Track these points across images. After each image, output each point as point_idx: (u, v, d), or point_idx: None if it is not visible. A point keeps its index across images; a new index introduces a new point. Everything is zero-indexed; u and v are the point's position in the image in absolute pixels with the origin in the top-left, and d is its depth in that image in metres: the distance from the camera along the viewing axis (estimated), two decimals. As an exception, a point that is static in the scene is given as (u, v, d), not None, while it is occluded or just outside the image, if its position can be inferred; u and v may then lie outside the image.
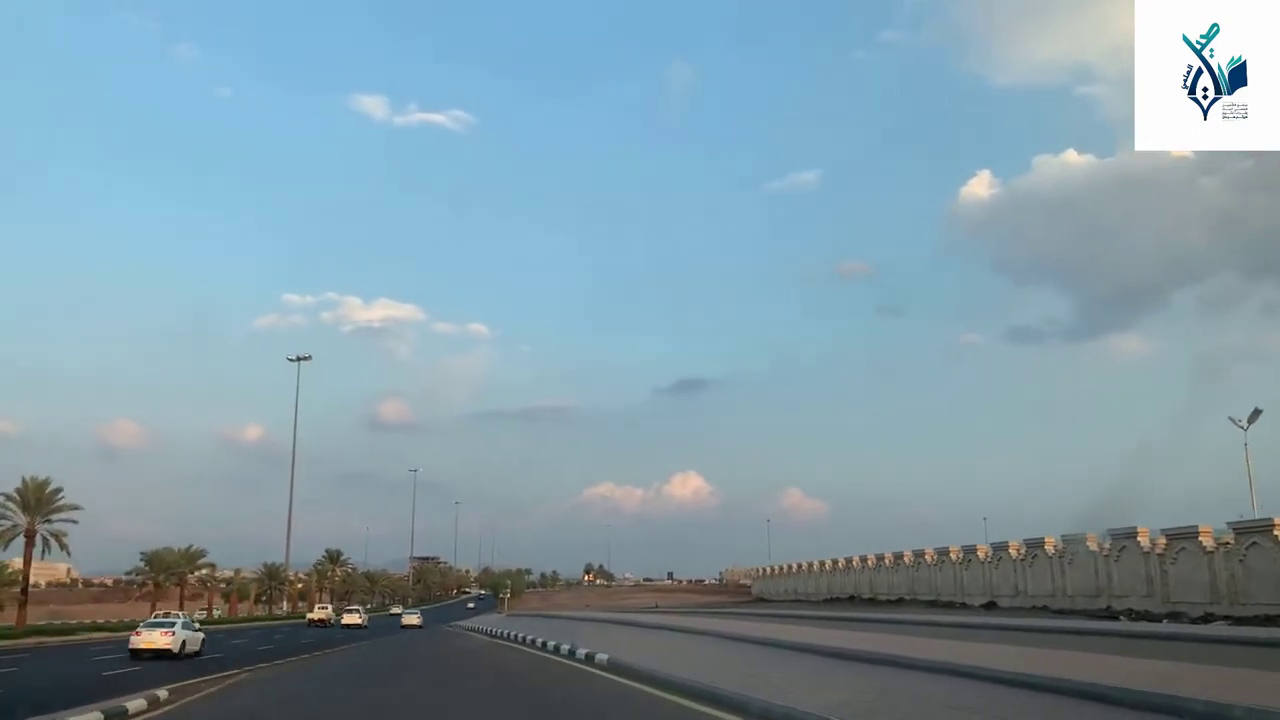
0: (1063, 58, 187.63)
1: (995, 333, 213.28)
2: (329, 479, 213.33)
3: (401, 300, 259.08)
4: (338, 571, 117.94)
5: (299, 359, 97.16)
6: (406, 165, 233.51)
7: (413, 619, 69.31)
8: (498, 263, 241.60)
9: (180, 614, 35.95)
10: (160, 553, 69.09)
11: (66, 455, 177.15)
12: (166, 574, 69.46)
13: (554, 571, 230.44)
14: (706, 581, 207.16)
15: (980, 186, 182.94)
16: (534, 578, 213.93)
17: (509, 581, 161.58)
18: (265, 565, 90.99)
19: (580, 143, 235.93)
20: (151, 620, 32.58)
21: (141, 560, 70.77)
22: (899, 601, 58.17)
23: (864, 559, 66.84)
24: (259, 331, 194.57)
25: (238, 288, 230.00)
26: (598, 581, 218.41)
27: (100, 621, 61.67)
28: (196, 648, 30.89)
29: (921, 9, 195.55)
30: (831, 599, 72.27)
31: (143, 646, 28.80)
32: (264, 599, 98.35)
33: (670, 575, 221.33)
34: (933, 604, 53.00)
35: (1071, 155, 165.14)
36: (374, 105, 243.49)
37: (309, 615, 66.83)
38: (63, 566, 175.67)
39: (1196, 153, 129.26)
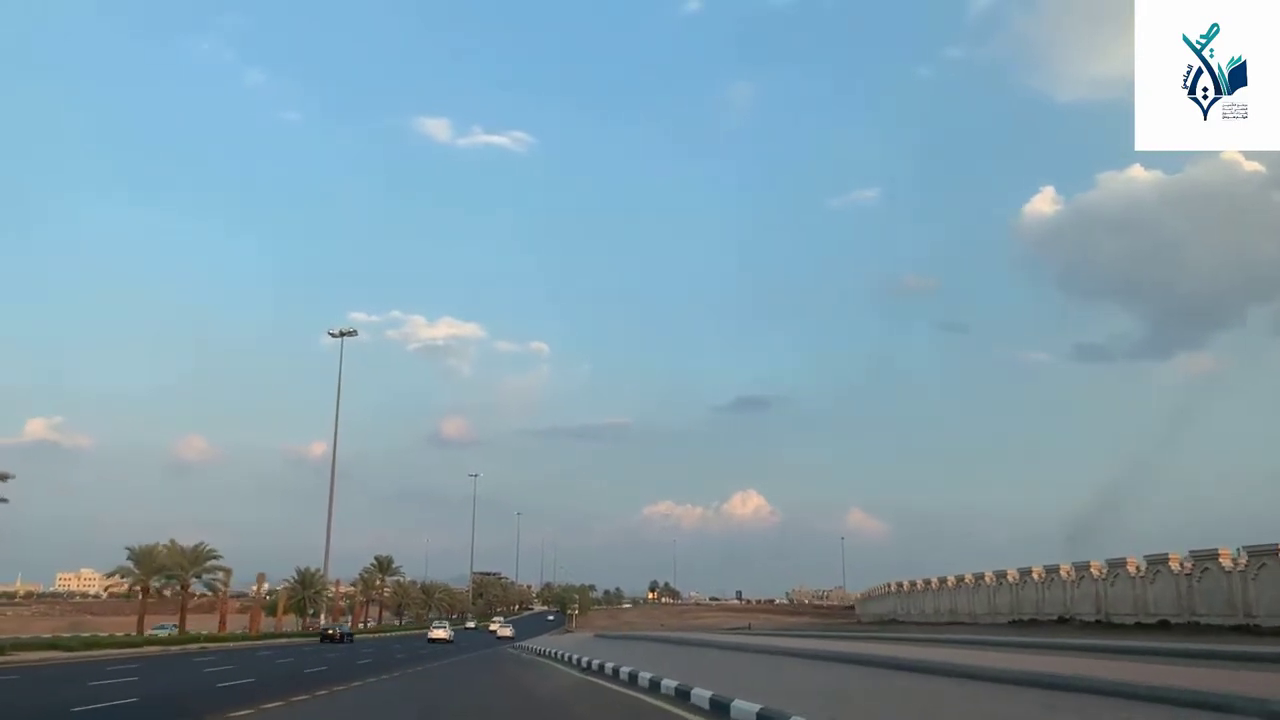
0: (1126, 73, 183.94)
1: (1061, 350, 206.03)
2: (390, 495, 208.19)
3: (464, 319, 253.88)
4: (386, 582, 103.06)
5: (342, 334, 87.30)
6: (469, 186, 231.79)
7: (506, 630, 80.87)
8: (558, 280, 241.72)
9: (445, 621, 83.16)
10: (153, 550, 53.16)
11: (138, 470, 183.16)
12: (165, 576, 54.55)
13: (618, 588, 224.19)
14: (776, 601, 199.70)
15: (1044, 203, 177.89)
16: (597, 594, 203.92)
17: (577, 596, 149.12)
18: (298, 570, 76.07)
19: (639, 161, 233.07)
20: (436, 623, 73.10)
21: (128, 558, 53.35)
22: (1162, 625, 40.38)
23: (1080, 568, 49.10)
24: (326, 349, 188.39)
25: (307, 306, 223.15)
26: (663, 600, 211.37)
27: (67, 636, 47.38)
28: (453, 639, 63.31)
29: (984, 26, 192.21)
30: (1019, 621, 54.52)
31: (434, 638, 61.17)
32: (312, 612, 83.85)
33: (739, 594, 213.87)
34: (1242, 629, 35.26)
35: (1137, 171, 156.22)
36: (437, 127, 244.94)
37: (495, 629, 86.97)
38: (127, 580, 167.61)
39: (1269, 166, 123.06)
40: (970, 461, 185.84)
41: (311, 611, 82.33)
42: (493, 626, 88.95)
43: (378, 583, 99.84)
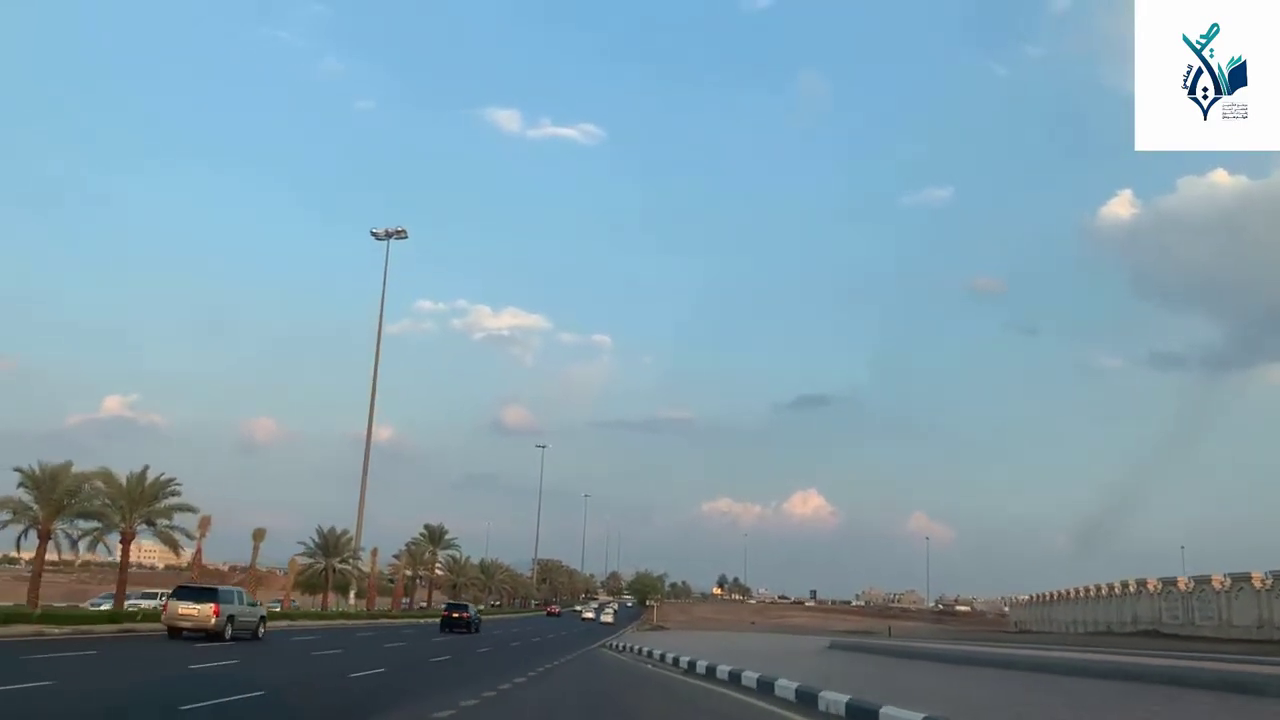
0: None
1: (1135, 356, 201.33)
2: (450, 483, 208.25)
3: (529, 310, 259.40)
4: (439, 556, 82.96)
5: (389, 235, 70.63)
6: (537, 177, 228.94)
7: (608, 617, 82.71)
8: (622, 273, 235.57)
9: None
10: (59, 472, 31.33)
11: (208, 450, 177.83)
12: (84, 517, 34.76)
13: (684, 581, 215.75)
14: (851, 603, 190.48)
15: (1121, 206, 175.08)
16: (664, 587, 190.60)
17: (657, 586, 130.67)
18: (319, 532, 56.63)
19: (707, 157, 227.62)
20: (586, 608, 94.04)
21: (22, 486, 31.42)
22: None
23: None
24: (392, 337, 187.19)
25: (375, 295, 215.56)
26: (733, 596, 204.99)
27: None
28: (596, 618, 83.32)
29: (1063, 25, 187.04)
30: None
31: (586, 617, 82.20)
32: (357, 591, 65.09)
33: (813, 594, 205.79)
34: None
35: (1220, 175, 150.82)
36: (508, 119, 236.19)
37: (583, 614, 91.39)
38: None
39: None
40: (1037, 467, 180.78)
41: (356, 590, 63.97)
42: (603, 615, 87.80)
43: (426, 556, 79.79)
